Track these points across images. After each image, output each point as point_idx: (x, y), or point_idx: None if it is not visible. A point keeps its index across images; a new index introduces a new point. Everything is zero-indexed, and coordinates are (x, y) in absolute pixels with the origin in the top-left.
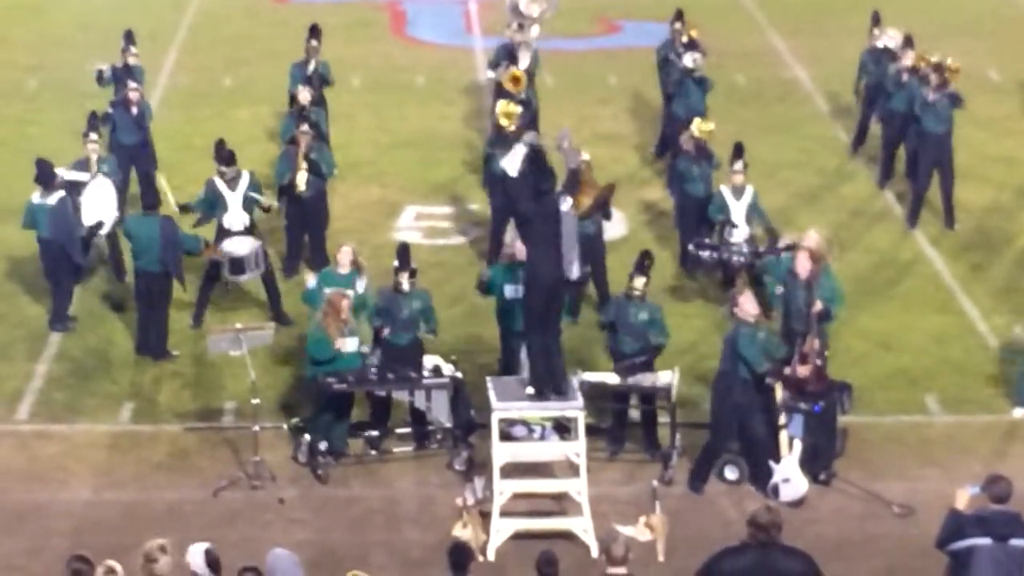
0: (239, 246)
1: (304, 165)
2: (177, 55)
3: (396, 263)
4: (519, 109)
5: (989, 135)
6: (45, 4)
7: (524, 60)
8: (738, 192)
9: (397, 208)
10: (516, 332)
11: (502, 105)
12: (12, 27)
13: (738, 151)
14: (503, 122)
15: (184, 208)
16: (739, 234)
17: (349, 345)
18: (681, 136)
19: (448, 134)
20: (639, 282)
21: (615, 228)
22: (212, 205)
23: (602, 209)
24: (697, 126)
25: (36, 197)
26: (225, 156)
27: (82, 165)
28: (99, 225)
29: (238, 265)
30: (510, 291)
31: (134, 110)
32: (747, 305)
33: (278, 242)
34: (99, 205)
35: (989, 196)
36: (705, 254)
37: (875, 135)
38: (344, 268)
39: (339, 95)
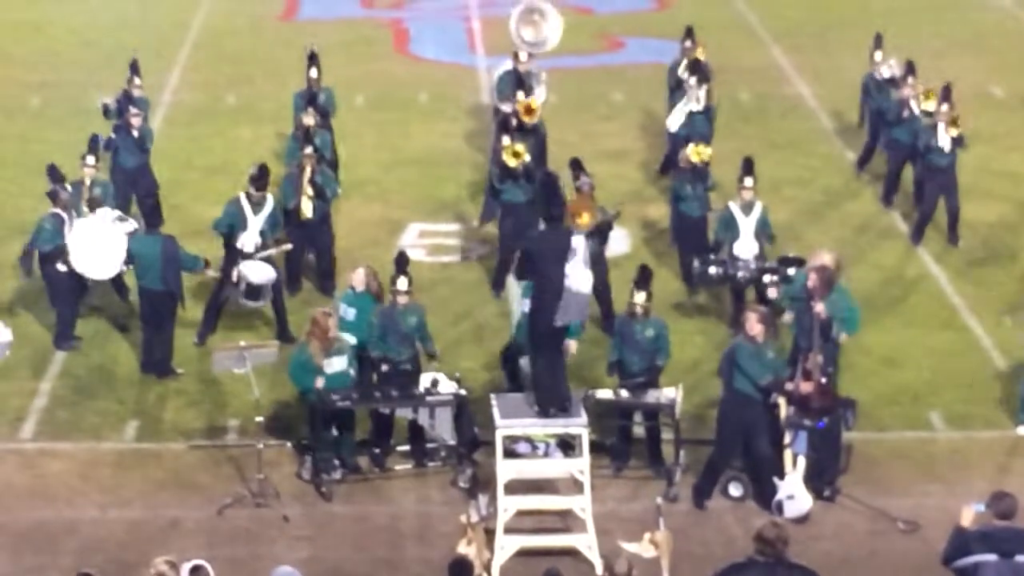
0: (257, 273)
1: (309, 191)
2: (181, 72)
3: (394, 270)
4: (527, 156)
5: (993, 151)
6: (49, 21)
7: (541, 93)
8: (747, 208)
9: (401, 226)
10: None
11: (508, 146)
12: (16, 44)
13: (747, 167)
14: (511, 163)
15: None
16: (748, 250)
17: (336, 365)
18: (679, 155)
19: (452, 151)
20: (640, 297)
21: (618, 245)
22: (232, 222)
23: (600, 233)
24: (693, 151)
25: None
26: (259, 180)
27: (76, 188)
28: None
29: (254, 292)
30: None
31: (135, 133)
32: (755, 324)
33: (280, 260)
34: (97, 253)
35: (994, 212)
36: (712, 270)
37: (881, 154)
38: (360, 287)
39: (342, 114)
